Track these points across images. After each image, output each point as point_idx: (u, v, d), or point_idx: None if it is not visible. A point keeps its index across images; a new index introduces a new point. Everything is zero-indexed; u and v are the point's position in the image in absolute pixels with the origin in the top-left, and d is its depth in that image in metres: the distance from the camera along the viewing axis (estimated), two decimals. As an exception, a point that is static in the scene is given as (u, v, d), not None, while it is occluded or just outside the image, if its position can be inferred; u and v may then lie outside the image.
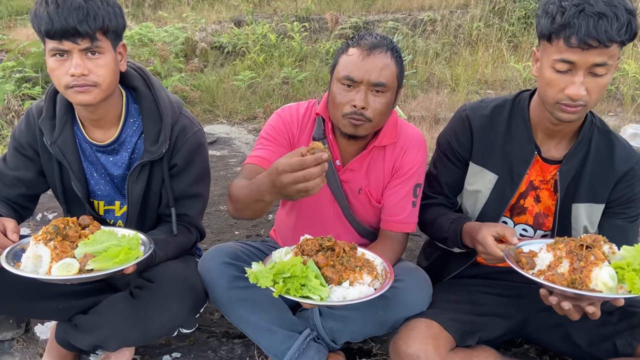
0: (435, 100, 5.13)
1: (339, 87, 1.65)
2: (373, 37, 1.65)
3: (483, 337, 1.66)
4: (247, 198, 1.47)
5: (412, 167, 1.80)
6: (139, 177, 1.69)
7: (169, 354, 1.88)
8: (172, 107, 1.72)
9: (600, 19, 1.34)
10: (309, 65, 6.02)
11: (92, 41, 1.47)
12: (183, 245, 1.77)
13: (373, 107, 1.63)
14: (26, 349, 1.92)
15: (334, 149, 1.80)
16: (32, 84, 5.08)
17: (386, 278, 1.47)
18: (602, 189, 1.65)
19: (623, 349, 1.56)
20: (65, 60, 1.48)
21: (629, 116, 4.81)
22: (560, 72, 1.43)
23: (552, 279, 1.32)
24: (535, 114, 1.65)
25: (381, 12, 7.48)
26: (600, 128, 1.66)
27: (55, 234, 1.41)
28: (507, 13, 6.70)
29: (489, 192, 1.72)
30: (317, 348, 1.69)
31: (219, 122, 4.98)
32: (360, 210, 1.87)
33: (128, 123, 1.70)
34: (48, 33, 1.44)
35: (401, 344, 1.55)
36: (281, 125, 1.81)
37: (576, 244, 1.38)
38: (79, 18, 1.43)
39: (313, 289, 1.35)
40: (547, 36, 1.44)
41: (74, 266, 1.37)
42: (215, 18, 8.02)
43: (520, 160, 1.68)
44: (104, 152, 1.71)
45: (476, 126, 1.72)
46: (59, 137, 1.65)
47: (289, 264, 1.36)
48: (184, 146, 1.71)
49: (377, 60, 1.61)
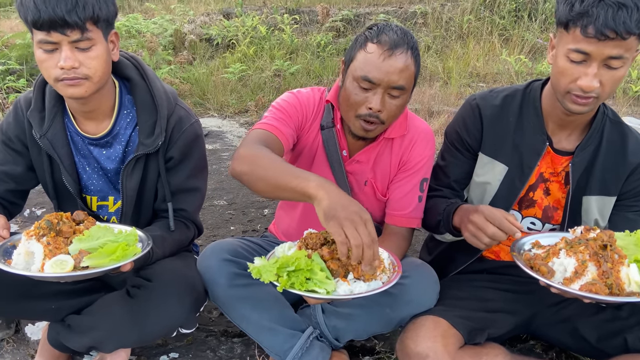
0: (428, 93, 5.11)
1: (354, 86, 1.59)
2: (394, 32, 1.57)
3: (491, 334, 1.63)
4: (281, 175, 1.37)
5: (420, 161, 1.76)
6: (134, 171, 1.62)
7: (166, 354, 1.82)
8: (168, 97, 1.65)
9: (619, 9, 1.30)
10: (300, 58, 5.96)
11: (83, 32, 1.39)
12: (180, 242, 1.71)
13: (389, 110, 1.59)
14: (17, 350, 1.85)
15: (342, 139, 1.76)
16: (16, 76, 4.96)
17: (394, 272, 1.43)
18: (614, 182, 1.62)
19: (634, 344, 1.53)
20: (54, 52, 1.40)
21: (621, 109, 4.83)
22: (574, 62, 1.40)
23: (595, 290, 1.26)
24: (547, 104, 1.62)
25: (372, 5, 7.43)
26: (613, 120, 1.63)
27: (48, 230, 1.34)
28: (498, 6, 6.69)
29: (498, 184, 1.68)
30: (320, 347, 1.65)
31: (210, 115, 4.90)
32: (365, 203, 1.81)
33: (122, 115, 1.63)
34: (35, 24, 1.36)
35: (409, 343, 1.51)
36: (297, 105, 1.74)
37: (596, 244, 1.33)
38: (67, 8, 1.35)
39: (319, 282, 1.31)
40: (564, 23, 1.40)
41: (68, 263, 1.30)
42: (203, 10, 7.91)
43: (531, 151, 1.64)
44: (96, 145, 1.64)
45: (486, 116, 1.68)
46: (48, 129, 1.57)
47: (293, 257, 1.32)
48: (180, 138, 1.64)
49: (399, 62, 1.54)
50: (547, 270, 1.36)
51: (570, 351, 1.80)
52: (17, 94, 4.69)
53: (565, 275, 1.34)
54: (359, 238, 1.23)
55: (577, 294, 1.28)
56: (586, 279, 1.30)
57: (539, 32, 6.51)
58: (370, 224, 1.27)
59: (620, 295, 1.27)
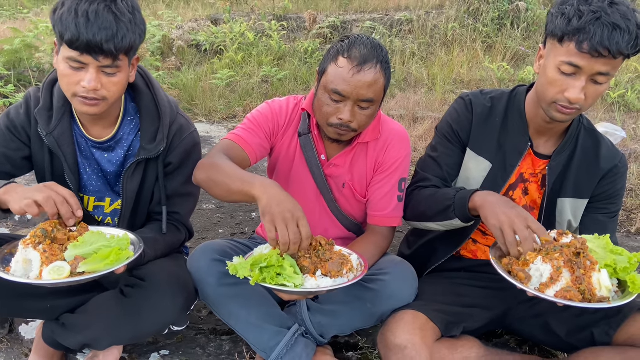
0: (413, 99, 5.21)
1: (326, 98, 1.67)
2: (364, 46, 1.63)
3: (467, 327, 1.71)
4: (232, 181, 1.50)
5: (395, 162, 1.83)
6: (134, 174, 1.69)
7: (157, 352, 1.88)
8: (171, 106, 1.73)
9: (614, 30, 1.37)
10: (288, 64, 6.03)
11: (114, 60, 1.44)
12: (172, 244, 1.78)
13: (359, 120, 1.68)
14: (11, 349, 1.90)
15: (319, 144, 1.84)
16: (4, 82, 4.97)
17: (361, 271, 1.53)
18: (587, 185, 1.72)
19: (600, 338, 1.61)
20: (79, 70, 1.45)
21: (598, 114, 4.97)
22: (564, 74, 1.47)
23: (569, 297, 1.33)
24: (529, 110, 1.71)
25: (358, 12, 7.55)
26: (587, 128, 1.74)
27: (44, 238, 1.40)
28: (482, 14, 6.83)
29: (482, 180, 1.76)
30: (305, 343, 1.71)
31: (198, 120, 4.95)
32: (345, 204, 1.91)
33: (125, 121, 1.70)
34: (70, 44, 1.40)
35: (389, 335, 1.59)
36: (269, 114, 1.83)
37: (570, 251, 1.40)
38: (106, 37, 1.39)
39: (288, 277, 1.42)
40: (558, 36, 1.46)
41: (65, 269, 1.36)
42: (191, 16, 7.96)
43: (514, 151, 1.72)
44: (99, 149, 1.70)
45: (477, 113, 1.77)
46: (55, 128, 1.62)
47: (266, 255, 1.44)
48: (180, 145, 1.72)
49: (367, 76, 1.61)
50: (525, 276, 1.42)
51: (542, 345, 1.89)
52: (5, 99, 4.70)
53: (541, 280, 1.41)
54: (286, 236, 1.37)
55: (553, 300, 1.35)
56: (561, 284, 1.38)
57: (521, 39, 6.66)
58: (303, 221, 1.39)
59: (592, 300, 1.35)
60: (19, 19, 8.20)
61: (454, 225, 1.69)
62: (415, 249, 1.98)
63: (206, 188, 1.60)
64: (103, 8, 1.40)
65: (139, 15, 1.49)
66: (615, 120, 4.75)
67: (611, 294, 1.39)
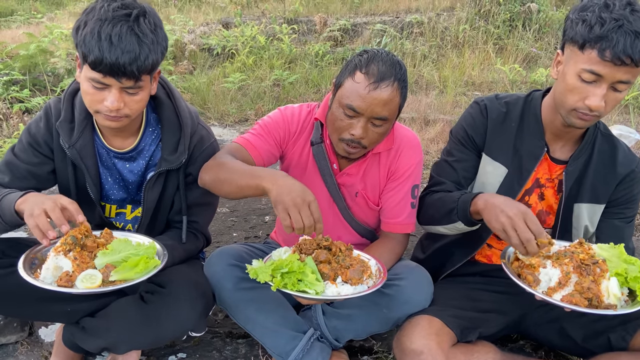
0: (424, 102, 5.20)
1: (340, 112, 1.66)
2: (383, 62, 1.61)
3: (483, 332, 1.71)
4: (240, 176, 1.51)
5: (407, 169, 1.84)
6: (155, 185, 1.71)
7: (174, 355, 1.91)
8: (192, 117, 1.75)
9: (637, 38, 1.36)
10: (299, 68, 6.05)
11: (136, 82, 1.46)
12: (190, 252, 1.80)
13: (370, 137, 1.67)
14: (30, 352, 1.93)
15: (331, 154, 1.84)
16: (20, 86, 5.03)
17: (379, 277, 1.54)
18: (604, 190, 1.72)
19: (617, 343, 1.61)
20: (102, 89, 1.46)
21: (612, 116, 4.93)
22: (584, 82, 1.46)
23: (575, 302, 1.34)
24: (546, 115, 1.71)
25: (369, 15, 7.55)
26: (604, 132, 1.74)
27: (74, 245, 1.42)
28: (493, 16, 6.80)
29: (498, 185, 1.75)
30: (320, 347, 1.73)
31: (210, 124, 4.98)
32: (358, 212, 1.92)
33: (147, 132, 1.72)
34: (94, 66, 1.41)
35: (405, 340, 1.60)
36: (280, 121, 1.84)
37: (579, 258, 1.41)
38: (129, 60, 1.40)
39: (309, 284, 1.42)
40: (579, 43, 1.45)
41: (98, 278, 1.40)
42: (203, 20, 8.00)
43: (530, 156, 1.72)
44: (121, 159, 1.72)
45: (492, 118, 1.76)
46: (77, 140, 1.64)
47: (287, 261, 1.44)
48: (201, 156, 1.73)
49: (383, 94, 1.60)
50: (533, 280, 1.44)
51: (558, 350, 1.88)
52: (20, 104, 4.76)
53: (549, 284, 1.42)
54: (300, 221, 1.37)
55: (558, 304, 1.36)
56: (569, 289, 1.38)
57: (532, 41, 6.63)
58: (314, 204, 1.39)
59: (599, 307, 1.35)
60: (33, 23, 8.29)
61: (459, 229, 1.69)
62: (430, 253, 1.99)
63: (214, 188, 1.60)
64: (126, 30, 1.40)
65: (161, 32, 1.50)
66: (630, 122, 4.71)
67: (620, 302, 1.39)
